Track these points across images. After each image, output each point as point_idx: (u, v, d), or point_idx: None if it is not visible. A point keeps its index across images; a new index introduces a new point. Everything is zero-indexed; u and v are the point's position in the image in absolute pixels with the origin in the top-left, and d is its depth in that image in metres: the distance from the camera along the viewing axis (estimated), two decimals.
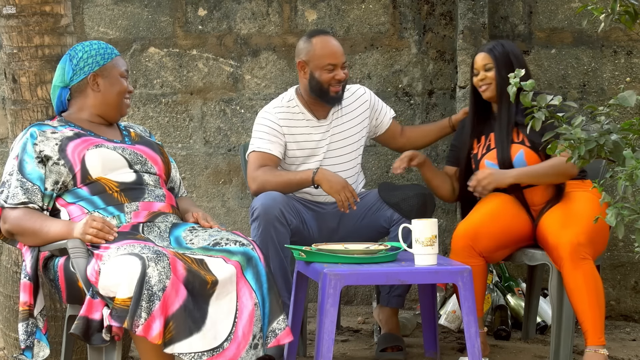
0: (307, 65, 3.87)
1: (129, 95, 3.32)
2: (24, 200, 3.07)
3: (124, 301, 2.74)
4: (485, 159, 3.76)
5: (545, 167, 3.62)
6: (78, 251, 2.94)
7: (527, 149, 3.67)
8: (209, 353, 2.81)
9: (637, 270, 4.55)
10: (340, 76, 3.85)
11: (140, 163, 3.22)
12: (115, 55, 3.30)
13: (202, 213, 3.28)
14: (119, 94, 3.28)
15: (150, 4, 4.75)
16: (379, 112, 4.05)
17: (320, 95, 3.87)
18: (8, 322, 3.63)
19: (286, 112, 3.91)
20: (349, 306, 4.73)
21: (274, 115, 3.89)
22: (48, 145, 3.13)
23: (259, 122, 3.92)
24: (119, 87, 3.27)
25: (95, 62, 3.25)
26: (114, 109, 3.29)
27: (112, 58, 3.28)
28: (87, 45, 3.28)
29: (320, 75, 3.84)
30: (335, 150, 3.93)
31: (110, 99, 3.27)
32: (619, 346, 4.06)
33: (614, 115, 2.43)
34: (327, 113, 3.94)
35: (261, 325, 2.96)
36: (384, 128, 4.07)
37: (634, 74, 4.52)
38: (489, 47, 3.76)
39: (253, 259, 3.01)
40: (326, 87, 3.85)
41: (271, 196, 3.67)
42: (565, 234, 3.44)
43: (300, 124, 3.90)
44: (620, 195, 2.32)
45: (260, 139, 3.87)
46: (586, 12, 2.53)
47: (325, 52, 3.85)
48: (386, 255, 3.28)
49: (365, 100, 4.02)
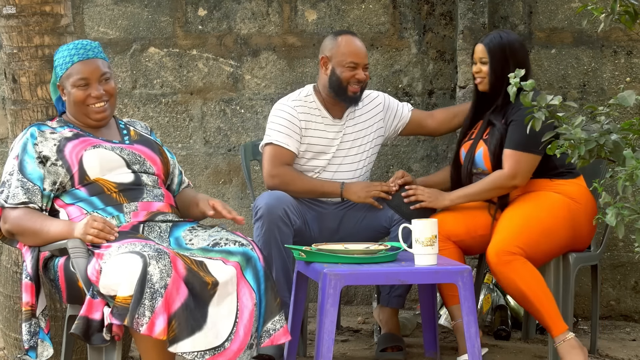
0: (329, 61, 3.88)
1: (96, 100, 3.20)
2: (24, 200, 3.06)
3: (125, 299, 2.74)
4: (463, 147, 3.79)
5: (479, 186, 3.65)
6: (78, 251, 2.94)
7: (486, 149, 3.68)
8: (211, 352, 2.81)
9: (637, 270, 4.55)
10: (361, 76, 3.86)
11: (138, 163, 3.22)
12: (72, 63, 3.21)
13: (220, 202, 3.24)
14: (76, 103, 3.22)
15: (150, 4, 4.75)
16: (394, 110, 4.05)
17: (338, 92, 3.87)
18: (8, 322, 3.63)
19: (304, 106, 3.91)
20: (349, 306, 4.73)
21: (294, 109, 3.89)
22: (47, 145, 3.13)
23: (276, 114, 3.90)
24: (73, 96, 3.21)
25: (56, 74, 3.26)
26: (82, 117, 3.24)
27: (68, 67, 3.22)
28: (58, 51, 3.26)
29: (341, 72, 3.85)
30: (345, 150, 3.93)
31: (73, 109, 3.24)
32: (619, 346, 4.06)
33: (614, 115, 2.43)
34: (342, 113, 3.95)
35: (257, 325, 2.96)
36: (405, 120, 4.07)
37: (634, 74, 4.52)
38: (487, 40, 3.73)
39: (252, 259, 3.01)
40: (345, 85, 3.86)
41: (275, 196, 3.67)
42: (491, 244, 3.49)
43: (316, 119, 3.91)
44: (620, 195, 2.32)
45: (278, 132, 3.86)
46: (586, 12, 2.53)
47: (349, 50, 3.86)
48: (386, 255, 3.27)
49: (379, 103, 4.02)
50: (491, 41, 3.71)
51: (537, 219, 3.52)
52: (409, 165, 4.69)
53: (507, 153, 3.60)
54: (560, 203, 3.57)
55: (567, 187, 3.60)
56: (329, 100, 3.93)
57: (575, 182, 3.63)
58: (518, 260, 3.44)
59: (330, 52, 3.89)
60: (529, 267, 3.45)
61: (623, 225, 2.33)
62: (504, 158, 3.61)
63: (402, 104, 4.10)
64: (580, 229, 3.60)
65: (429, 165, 4.69)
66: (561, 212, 3.56)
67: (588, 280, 4.43)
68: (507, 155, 3.61)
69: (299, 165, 3.91)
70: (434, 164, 4.69)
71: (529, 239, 3.48)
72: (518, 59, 3.68)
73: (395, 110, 4.06)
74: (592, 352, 3.90)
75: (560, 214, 3.55)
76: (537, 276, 3.46)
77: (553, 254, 3.59)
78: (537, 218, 3.53)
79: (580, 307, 4.48)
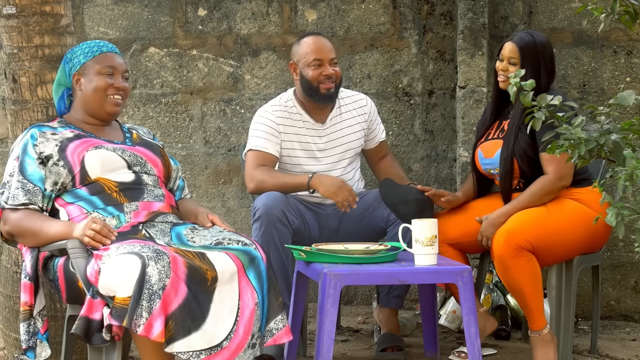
0: (297, 65, 3.89)
1: (116, 91, 3.24)
2: (24, 202, 3.06)
3: (124, 300, 2.74)
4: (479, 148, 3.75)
5: (529, 196, 3.57)
6: (77, 251, 2.94)
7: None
8: (207, 352, 2.81)
9: (637, 270, 4.55)
10: (328, 72, 3.84)
11: (139, 165, 3.22)
12: (100, 52, 3.26)
13: (219, 218, 3.27)
14: (96, 90, 3.22)
15: (150, 4, 4.75)
16: (373, 129, 4.05)
17: (311, 94, 3.86)
18: (8, 322, 3.63)
19: (283, 111, 3.91)
20: (349, 306, 4.73)
21: (272, 114, 3.90)
22: (48, 146, 3.13)
23: (256, 120, 3.92)
24: (95, 83, 3.23)
25: (78, 62, 3.25)
26: (96, 107, 3.24)
27: (95, 55, 3.25)
28: (79, 46, 3.28)
29: (308, 72, 3.85)
30: (332, 152, 3.92)
31: (89, 97, 3.24)
32: (619, 346, 4.06)
33: (614, 115, 2.43)
34: (325, 117, 3.94)
35: (259, 325, 2.97)
36: (369, 146, 4.07)
37: (634, 74, 4.52)
38: (520, 42, 3.62)
39: (256, 259, 3.01)
40: (315, 84, 3.85)
41: (273, 196, 3.67)
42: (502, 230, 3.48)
43: (296, 124, 3.90)
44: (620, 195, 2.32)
45: (257, 138, 3.87)
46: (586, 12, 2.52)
47: (311, 48, 3.86)
48: (386, 255, 3.28)
49: (365, 112, 4.01)
50: (523, 41, 3.61)
51: (554, 220, 3.50)
52: (409, 165, 4.68)
53: (547, 157, 3.54)
54: (577, 209, 3.54)
55: (584, 195, 3.57)
56: (309, 104, 3.92)
57: (592, 190, 3.58)
58: (524, 257, 3.44)
59: (296, 56, 3.90)
60: (532, 265, 3.45)
61: (623, 225, 2.33)
62: (544, 162, 3.55)
63: (380, 129, 4.07)
64: (597, 235, 3.60)
65: (429, 165, 4.69)
66: (577, 218, 3.52)
67: (588, 280, 4.44)
68: (546, 159, 3.55)
69: (285, 171, 3.90)
70: (434, 164, 4.69)
71: (541, 236, 3.46)
72: (547, 62, 3.63)
73: (374, 130, 4.05)
74: (592, 352, 3.90)
75: (577, 219, 3.52)
76: (537, 275, 3.46)
77: (562, 257, 3.58)
78: (554, 219, 3.50)
79: (581, 307, 4.48)
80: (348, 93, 4.06)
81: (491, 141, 3.72)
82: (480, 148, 3.76)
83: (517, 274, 3.45)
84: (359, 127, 3.99)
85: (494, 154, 3.68)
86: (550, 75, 3.64)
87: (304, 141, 3.90)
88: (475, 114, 4.43)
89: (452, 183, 4.66)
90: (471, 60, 4.46)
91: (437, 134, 4.68)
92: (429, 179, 4.70)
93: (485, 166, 3.74)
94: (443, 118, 4.67)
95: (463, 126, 4.47)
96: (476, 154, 3.78)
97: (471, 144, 4.46)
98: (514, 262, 3.44)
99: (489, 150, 3.71)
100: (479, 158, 3.75)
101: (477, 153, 3.77)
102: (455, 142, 4.57)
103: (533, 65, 3.59)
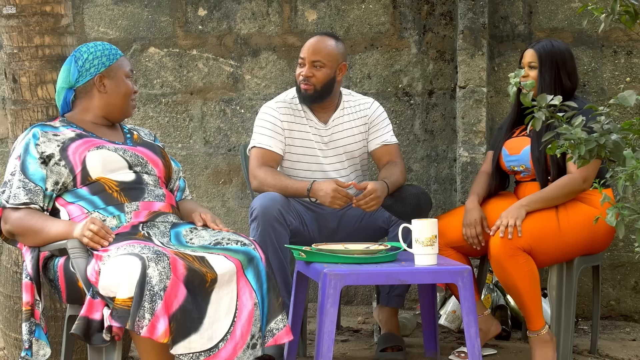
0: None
1: (135, 95, 3.32)
2: (25, 201, 3.06)
3: (124, 301, 2.74)
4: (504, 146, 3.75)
5: (553, 191, 3.56)
6: (78, 251, 2.94)
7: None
8: (206, 353, 2.81)
9: (637, 270, 4.55)
10: (304, 72, 3.83)
11: (140, 165, 3.22)
12: (119, 55, 3.29)
13: (210, 215, 3.27)
14: (125, 95, 3.27)
15: (150, 4, 4.75)
16: (372, 132, 3.98)
17: (298, 90, 3.88)
18: (8, 322, 3.63)
19: (288, 108, 3.91)
20: (349, 306, 4.73)
21: (276, 110, 3.89)
22: (50, 146, 3.13)
23: (260, 117, 3.91)
24: (124, 88, 3.27)
25: (101, 63, 3.24)
26: (119, 110, 3.28)
27: (117, 58, 3.27)
28: (92, 47, 3.27)
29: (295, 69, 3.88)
30: (333, 153, 3.92)
31: (116, 100, 3.27)
32: (619, 346, 4.06)
33: (614, 115, 2.43)
34: (328, 117, 3.94)
35: (260, 325, 2.97)
36: (370, 148, 3.99)
37: (634, 74, 4.52)
38: (538, 46, 3.70)
39: (255, 259, 3.01)
40: (298, 82, 3.86)
41: (270, 197, 3.67)
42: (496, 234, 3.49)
43: (300, 121, 3.90)
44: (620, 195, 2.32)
45: (261, 135, 3.87)
46: (586, 12, 2.53)
47: (304, 46, 3.88)
48: (386, 255, 3.28)
49: (365, 115, 3.98)
50: (542, 47, 3.69)
51: (555, 220, 3.51)
52: (409, 165, 4.69)
53: None
54: (583, 210, 3.54)
55: (593, 196, 3.58)
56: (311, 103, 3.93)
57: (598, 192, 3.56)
58: (521, 257, 3.44)
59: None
60: (530, 265, 3.46)
61: (623, 225, 2.33)
62: (569, 163, 3.54)
63: (382, 133, 3.97)
64: (598, 237, 3.59)
65: (428, 165, 4.69)
66: (580, 219, 3.53)
67: (588, 280, 4.44)
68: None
69: (286, 168, 3.90)
70: (434, 164, 4.69)
71: (539, 236, 3.47)
72: (567, 68, 3.67)
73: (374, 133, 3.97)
74: (592, 352, 3.90)
75: (580, 220, 3.53)
76: (534, 276, 3.47)
77: (561, 258, 3.57)
78: (555, 219, 3.51)
79: (581, 307, 4.48)
80: (357, 97, 4.04)
81: (516, 138, 3.75)
82: (505, 146, 3.77)
83: (514, 275, 3.45)
84: (359, 130, 3.97)
85: (520, 150, 3.69)
86: (572, 81, 3.68)
87: (306, 138, 3.90)
88: (475, 114, 4.44)
89: (452, 183, 4.66)
90: (471, 60, 4.46)
91: (437, 134, 4.68)
92: (429, 179, 4.70)
93: (509, 163, 3.75)
94: (443, 118, 4.67)
95: (463, 126, 4.47)
96: (500, 151, 3.78)
97: (471, 144, 4.47)
98: (510, 263, 3.44)
99: (515, 147, 3.73)
100: (503, 155, 3.76)
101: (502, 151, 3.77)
102: (455, 142, 4.57)
103: (552, 70, 3.65)
